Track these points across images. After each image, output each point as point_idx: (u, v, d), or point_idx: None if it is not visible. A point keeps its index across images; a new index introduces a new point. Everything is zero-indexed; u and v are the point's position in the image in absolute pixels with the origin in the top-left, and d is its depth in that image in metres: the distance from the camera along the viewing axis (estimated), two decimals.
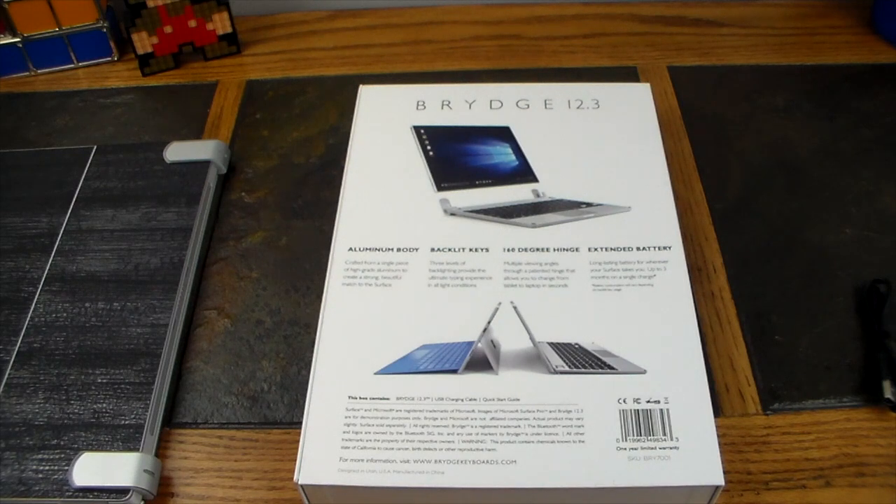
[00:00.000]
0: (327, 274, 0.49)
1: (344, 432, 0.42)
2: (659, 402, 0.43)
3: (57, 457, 0.45)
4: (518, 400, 0.43)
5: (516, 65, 0.68)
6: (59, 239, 0.55)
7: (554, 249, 0.49)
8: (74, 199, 0.57)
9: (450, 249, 0.49)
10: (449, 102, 0.58)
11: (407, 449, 0.41)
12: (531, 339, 0.45)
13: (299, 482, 0.41)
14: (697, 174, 0.59)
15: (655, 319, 0.46)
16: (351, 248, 0.50)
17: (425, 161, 0.54)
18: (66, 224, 0.56)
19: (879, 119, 0.62)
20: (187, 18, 0.67)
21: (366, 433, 0.42)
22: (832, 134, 0.62)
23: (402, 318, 0.46)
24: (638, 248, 0.49)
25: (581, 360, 0.44)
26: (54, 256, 0.54)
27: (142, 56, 0.68)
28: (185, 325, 0.52)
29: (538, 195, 0.52)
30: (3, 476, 0.44)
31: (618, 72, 0.67)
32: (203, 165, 0.59)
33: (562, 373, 0.44)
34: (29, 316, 0.51)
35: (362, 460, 0.41)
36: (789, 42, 0.69)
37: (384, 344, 0.45)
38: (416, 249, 0.49)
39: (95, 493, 0.44)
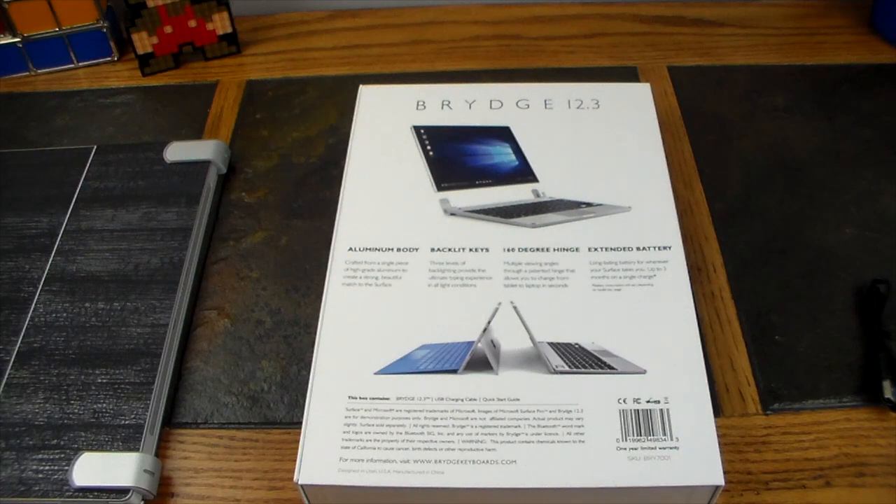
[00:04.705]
0: (327, 274, 0.49)
1: (344, 432, 0.42)
2: (659, 402, 0.43)
3: (57, 457, 0.45)
4: (518, 400, 0.43)
5: (516, 65, 0.68)
6: (59, 239, 0.55)
7: (554, 249, 0.49)
8: (74, 199, 0.57)
9: (450, 249, 0.49)
10: (449, 102, 0.58)
11: (407, 449, 0.41)
12: (531, 339, 0.45)
13: (299, 482, 0.41)
14: (697, 174, 0.59)
15: (655, 319, 0.46)
16: (351, 248, 0.50)
17: (425, 161, 0.54)
18: (66, 224, 0.56)
19: (879, 119, 0.62)
20: (187, 18, 0.67)
21: (366, 433, 0.42)
22: (832, 134, 0.62)
23: (402, 318, 0.46)
24: (638, 248, 0.49)
25: (581, 360, 0.44)
26: (54, 256, 0.54)
27: (142, 56, 0.68)
28: (185, 325, 0.52)
29: (538, 195, 0.52)
30: (3, 476, 0.44)
31: (618, 72, 0.67)
32: (203, 165, 0.59)
33: (562, 373, 0.44)
34: (29, 316, 0.51)
35: (362, 460, 0.41)
36: (789, 42, 0.69)
37: (384, 344, 0.45)
38: (416, 249, 0.49)
39: (95, 493, 0.44)
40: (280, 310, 0.53)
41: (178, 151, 0.60)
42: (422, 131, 0.56)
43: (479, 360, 0.44)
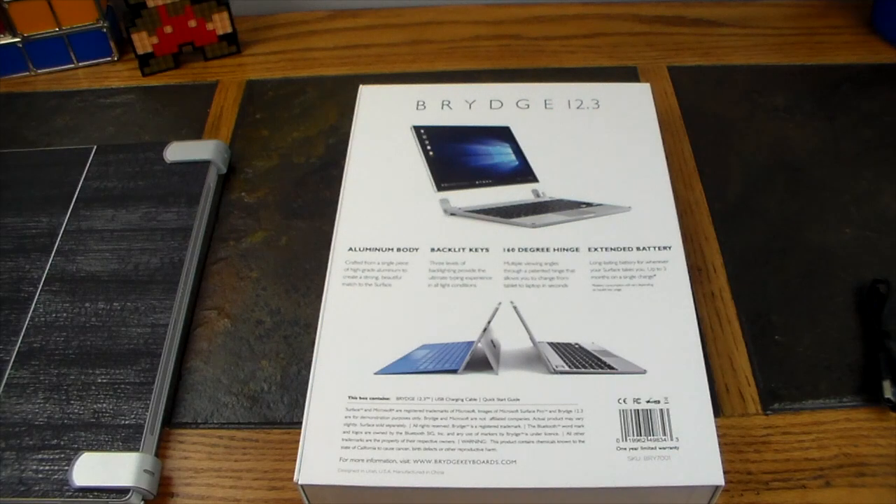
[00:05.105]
0: (327, 274, 0.49)
1: (344, 432, 0.42)
2: (659, 402, 0.43)
3: (57, 457, 0.45)
4: (518, 400, 0.43)
5: (516, 65, 0.68)
6: (59, 239, 0.55)
7: (554, 249, 0.49)
8: (74, 199, 0.57)
9: (450, 249, 0.49)
10: (449, 102, 0.58)
11: (407, 449, 0.41)
12: (531, 339, 0.45)
13: (299, 482, 0.41)
14: (697, 174, 0.59)
15: (655, 319, 0.46)
16: (351, 248, 0.50)
17: (425, 161, 0.54)
18: (66, 224, 0.56)
19: (879, 119, 0.62)
20: (187, 18, 0.67)
21: (366, 433, 0.42)
22: (832, 134, 0.62)
23: (402, 318, 0.46)
24: (638, 248, 0.49)
25: (581, 360, 0.44)
26: (54, 256, 0.54)
27: (142, 56, 0.68)
28: (185, 325, 0.52)
29: (538, 195, 0.52)
30: (3, 476, 0.44)
31: (618, 72, 0.67)
32: (203, 165, 0.59)
33: (562, 373, 0.44)
34: (29, 316, 0.51)
35: (362, 460, 0.41)
36: (789, 42, 0.69)
37: (384, 344, 0.45)
38: (416, 249, 0.49)
39: (95, 493, 0.44)
40: (280, 310, 0.53)
41: (178, 151, 0.60)
42: (422, 131, 0.56)
43: (479, 360, 0.44)
